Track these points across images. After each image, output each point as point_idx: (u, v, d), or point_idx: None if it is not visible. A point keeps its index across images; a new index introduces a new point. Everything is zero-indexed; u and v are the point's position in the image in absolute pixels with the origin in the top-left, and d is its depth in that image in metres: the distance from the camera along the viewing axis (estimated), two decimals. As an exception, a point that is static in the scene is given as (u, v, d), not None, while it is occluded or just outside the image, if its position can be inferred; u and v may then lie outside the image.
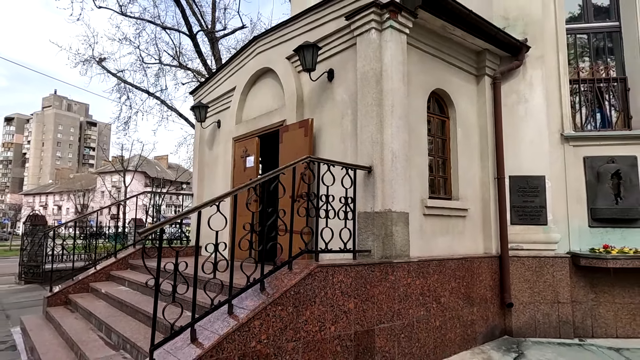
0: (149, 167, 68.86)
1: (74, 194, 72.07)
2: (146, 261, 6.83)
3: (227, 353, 3.16)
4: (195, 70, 19.00)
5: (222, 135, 8.10)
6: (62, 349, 5.10)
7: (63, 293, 6.93)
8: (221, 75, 8.18)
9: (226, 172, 7.68)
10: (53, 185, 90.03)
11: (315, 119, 5.73)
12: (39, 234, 12.82)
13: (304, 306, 3.70)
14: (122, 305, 5.63)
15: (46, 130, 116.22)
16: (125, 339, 4.42)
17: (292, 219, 3.87)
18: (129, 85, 19.05)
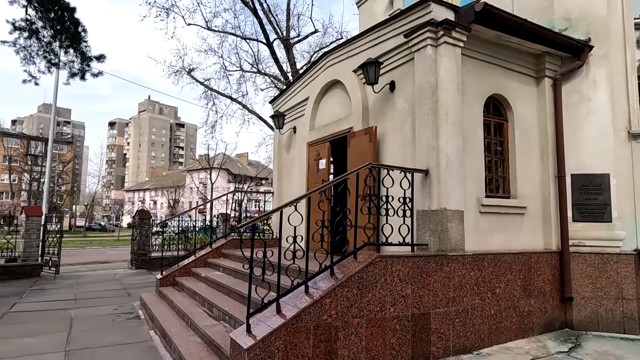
0: (232, 164, 73.52)
1: (167, 190, 79.44)
2: (233, 251, 8.02)
3: (304, 323, 4.01)
4: (273, 75, 20.41)
5: (297, 140, 9.07)
6: (175, 318, 6.38)
7: (171, 276, 8.37)
8: (296, 86, 9.13)
9: (301, 173, 8.63)
10: (149, 182, 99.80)
11: (379, 126, 6.41)
12: (145, 226, 14.96)
13: (367, 289, 4.44)
14: (219, 286, 6.80)
15: (142, 132, 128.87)
16: (224, 312, 5.51)
17: (357, 216, 4.62)
18: (215, 92, 21.03)
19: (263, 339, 3.79)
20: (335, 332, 4.18)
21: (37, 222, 12.74)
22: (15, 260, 12.47)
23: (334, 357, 4.15)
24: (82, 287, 10.53)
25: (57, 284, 11.05)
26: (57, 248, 12.74)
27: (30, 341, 5.77)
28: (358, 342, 4.32)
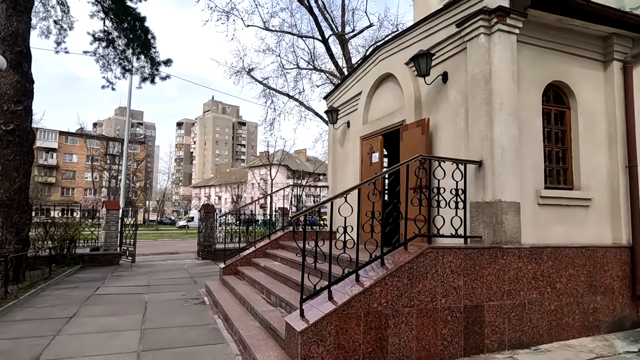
0: (290, 160, 75.05)
1: (230, 186, 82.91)
2: (290, 243, 8.33)
3: (355, 309, 4.17)
4: (328, 71, 20.64)
5: (351, 134, 9.20)
6: (236, 304, 6.81)
7: (233, 265, 8.89)
8: (349, 81, 9.25)
9: (355, 167, 8.75)
10: (214, 179, 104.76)
11: (431, 118, 6.36)
12: (210, 220, 15.87)
13: (417, 279, 4.49)
14: (276, 275, 7.14)
15: (207, 131, 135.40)
16: (280, 299, 5.81)
17: (407, 208, 4.68)
18: (273, 90, 21.68)
19: (315, 323, 4.00)
20: (385, 320, 4.29)
21: (116, 215, 14.01)
22: (98, 249, 13.82)
23: (385, 344, 4.27)
24: (154, 275, 11.45)
25: (133, 272, 12.10)
26: (132, 239, 13.93)
27: (111, 320, 6.46)
28: (408, 331, 4.39)
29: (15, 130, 8.83)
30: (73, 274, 11.47)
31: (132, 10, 12.21)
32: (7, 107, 8.77)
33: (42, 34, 12.54)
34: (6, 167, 8.72)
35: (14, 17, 9.00)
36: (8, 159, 8.72)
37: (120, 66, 13.23)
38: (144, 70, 12.94)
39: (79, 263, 12.69)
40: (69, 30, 12.94)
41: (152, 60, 12.81)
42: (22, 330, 5.84)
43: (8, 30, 8.90)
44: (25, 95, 9.08)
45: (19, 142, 8.91)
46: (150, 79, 12.95)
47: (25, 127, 9.10)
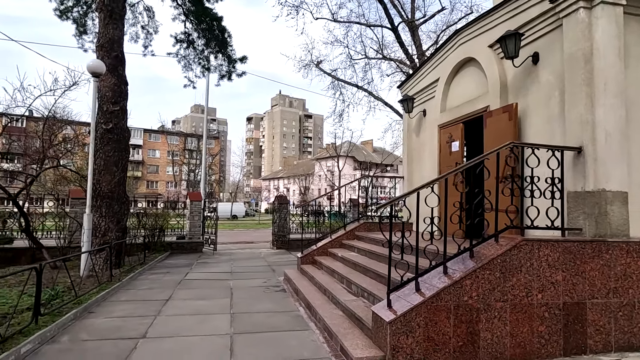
0: (357, 151, 74.85)
1: (298, 178, 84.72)
2: (366, 234, 8.25)
3: (444, 302, 4.07)
4: (398, 60, 20.19)
5: (427, 123, 8.93)
6: (317, 292, 6.96)
7: (310, 255, 9.09)
8: (425, 69, 8.97)
9: (432, 156, 8.50)
10: (282, 171, 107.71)
11: (519, 102, 5.97)
12: (284, 210, 16.35)
13: (510, 273, 4.27)
14: (355, 265, 7.18)
15: (275, 125, 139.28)
16: (362, 289, 5.83)
17: (497, 198, 4.45)
18: (341, 81, 21.68)
19: (404, 314, 3.96)
20: (476, 314, 4.14)
21: (198, 206, 14.94)
22: (183, 237, 14.86)
23: (476, 338, 4.12)
24: (235, 263, 12.06)
25: (216, 259, 12.85)
26: (214, 229, 14.78)
27: (202, 303, 6.92)
28: (502, 326, 4.20)
29: (114, 129, 9.71)
30: (163, 260, 12.45)
31: (210, 11, 12.82)
32: (107, 107, 9.66)
33: (132, 39, 13.63)
34: (107, 162, 9.63)
35: (110, 25, 9.85)
36: (108, 155, 9.63)
37: (200, 65, 14.00)
38: (221, 68, 13.58)
39: (167, 250, 13.74)
40: (154, 34, 13.93)
41: (229, 58, 13.39)
42: (127, 309, 6.45)
43: (105, 37, 9.77)
44: (121, 97, 9.94)
45: (117, 139, 9.79)
46: (227, 76, 13.56)
47: (122, 126, 9.97)
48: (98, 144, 9.36)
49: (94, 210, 9.08)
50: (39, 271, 5.17)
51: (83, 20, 12.77)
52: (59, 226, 12.57)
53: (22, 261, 11.57)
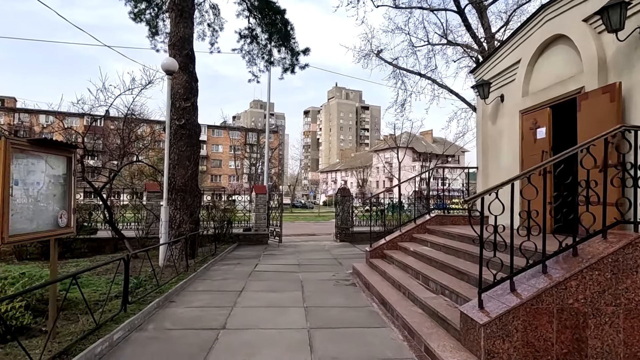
0: (416, 142, 72.91)
1: (356, 170, 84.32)
2: (439, 227, 7.85)
3: (545, 305, 3.67)
4: (464, 44, 19.16)
5: (506, 109, 8.30)
6: (390, 288, 6.72)
7: (379, 249, 8.85)
8: (502, 50, 8.32)
9: (512, 145, 7.88)
10: (339, 164, 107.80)
11: (623, 82, 5.29)
12: (347, 203, 16.20)
13: (624, 274, 3.77)
14: (429, 260, 6.85)
15: (332, 117, 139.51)
16: (442, 286, 5.51)
17: (606, 190, 3.95)
18: (403, 70, 21.00)
19: (500, 316, 3.63)
20: (584, 318, 3.71)
21: (263, 198, 15.20)
22: (249, 230, 15.21)
23: (583, 346, 3.69)
24: (301, 255, 12.12)
25: (282, 251, 13.00)
26: (279, 221, 14.98)
27: (275, 296, 6.95)
28: (614, 333, 3.73)
29: (186, 125, 10.05)
30: (232, 251, 12.81)
31: (273, 5, 12.87)
32: (179, 104, 10.01)
33: (199, 38, 14.05)
34: (180, 157, 10.00)
35: (180, 23, 10.17)
36: (182, 149, 9.99)
37: (263, 59, 14.14)
38: (284, 61, 13.63)
39: (235, 241, 14.14)
40: (219, 32, 14.26)
41: (292, 50, 13.39)
42: (205, 300, 6.63)
43: (177, 35, 10.10)
44: (192, 93, 10.26)
45: (189, 134, 10.13)
46: (290, 69, 13.58)
47: (194, 121, 10.30)
48: (172, 140, 9.73)
49: (169, 203, 9.48)
50: (127, 262, 5.42)
51: (155, 22, 13.35)
52: (137, 218, 13.38)
53: (106, 250, 12.44)
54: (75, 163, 4.35)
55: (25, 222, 3.65)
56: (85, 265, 9.48)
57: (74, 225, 4.34)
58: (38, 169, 3.86)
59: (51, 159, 4.04)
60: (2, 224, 3.29)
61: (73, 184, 4.34)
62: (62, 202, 4.22)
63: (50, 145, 3.96)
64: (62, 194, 4.22)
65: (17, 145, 3.52)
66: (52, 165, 4.06)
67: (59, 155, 4.16)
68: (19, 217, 3.58)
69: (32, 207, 3.76)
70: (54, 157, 4.09)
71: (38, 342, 4.07)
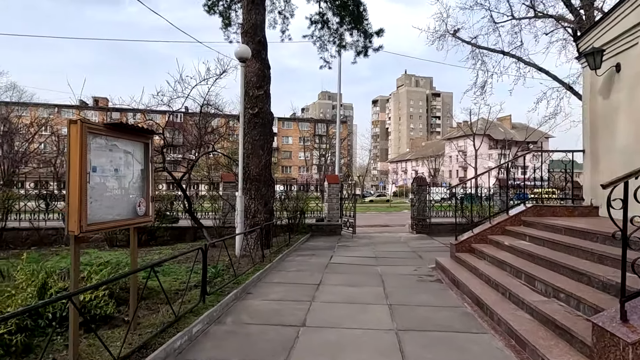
0: (493, 129, 68.45)
1: (427, 160, 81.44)
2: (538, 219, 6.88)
3: None
4: (557, 16, 17.15)
5: (624, 81, 7.03)
6: (484, 286, 5.96)
7: (467, 242, 8.03)
8: (620, 11, 7.02)
9: (634, 122, 6.64)
10: (410, 153, 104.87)
11: None
12: (423, 193, 15.31)
13: None
14: (531, 257, 5.96)
15: (401, 106, 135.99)
16: (556, 289, 4.67)
17: None
18: (483, 49, 19.37)
19: (655, 333, 2.83)
20: None
21: (336, 188, 14.84)
22: (322, 220, 14.95)
23: None
24: (376, 247, 11.57)
25: (356, 242, 12.55)
26: (352, 211, 14.53)
27: (354, 291, 6.50)
28: None
29: (259, 113, 9.91)
30: (305, 241, 12.61)
31: (344, -14, 12.31)
32: (252, 92, 9.88)
33: (270, 26, 13.91)
34: (254, 146, 9.89)
35: (252, 10, 10.00)
36: (255, 139, 9.87)
37: (334, 44, 13.66)
38: (357, 44, 13.03)
39: (307, 232, 13.94)
40: (290, 19, 14.01)
41: (365, 33, 12.74)
42: (282, 292, 6.36)
43: (249, 23, 9.95)
44: (264, 81, 10.08)
45: (262, 123, 9.98)
46: (363, 52, 12.95)
47: (266, 110, 10.13)
48: (246, 129, 9.63)
49: (244, 193, 9.41)
50: (204, 252, 5.26)
51: (227, 13, 13.42)
52: (214, 208, 13.69)
53: (186, 238, 12.87)
54: (152, 150, 4.19)
55: (104, 210, 3.52)
56: (168, 253, 9.77)
57: (153, 214, 4.20)
58: (116, 155, 3.73)
59: (129, 145, 3.90)
60: (80, 211, 3.15)
61: (151, 171, 4.19)
62: (141, 191, 4.08)
63: (127, 130, 3.81)
64: (141, 182, 4.09)
65: (93, 129, 3.37)
66: (130, 152, 3.91)
67: (136, 142, 4.02)
68: (98, 205, 3.45)
69: (111, 195, 3.63)
70: (132, 143, 3.95)
71: (119, 334, 3.99)
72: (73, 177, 3.18)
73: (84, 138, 3.22)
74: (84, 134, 3.22)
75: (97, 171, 3.45)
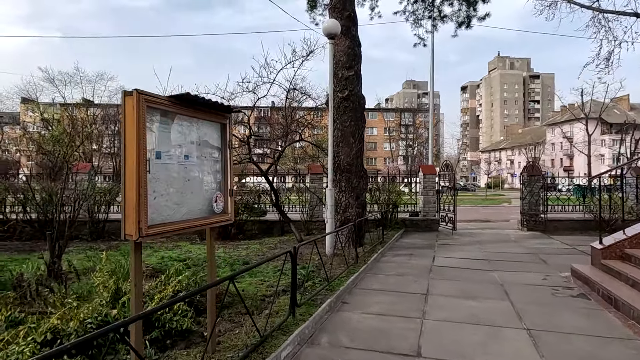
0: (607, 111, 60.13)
1: (524, 148, 74.38)
2: None
3: None
4: None
5: None
6: (665, 313, 4.35)
7: (617, 246, 6.27)
8: None
9: None
10: (504, 142, 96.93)
11: None
12: (536, 184, 13.18)
13: None
14: None
15: (493, 91, 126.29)
16: None
17: None
18: (609, 13, 16.27)
19: None
20: None
21: (432, 180, 13.37)
22: (417, 214, 13.60)
23: None
24: (483, 246, 10.00)
25: (457, 241, 11.05)
26: (451, 205, 12.98)
27: (473, 305, 5.24)
28: None
29: (349, 96, 8.92)
30: (399, 238, 11.41)
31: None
32: (341, 74, 8.91)
33: (358, 4, 12.80)
34: (344, 133, 8.93)
35: (340, -18, 8.99)
36: (345, 125, 8.91)
37: (430, 18, 12.15)
38: (458, 15, 11.39)
39: (401, 227, 12.71)
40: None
41: (467, 1, 11.07)
42: (383, 303, 5.31)
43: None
44: (355, 60, 9.05)
45: (353, 107, 8.97)
46: (466, 23, 11.28)
47: (357, 92, 9.10)
48: (335, 115, 8.70)
49: (334, 185, 8.51)
50: (294, 255, 4.39)
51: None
52: (301, 201, 13.08)
53: (274, 232, 12.43)
54: (230, 132, 3.38)
55: (171, 208, 2.77)
56: (255, 249, 9.27)
57: (232, 211, 3.40)
58: (186, 138, 2.96)
59: (202, 126, 3.12)
60: (138, 211, 2.40)
61: (229, 159, 3.39)
62: (217, 183, 3.29)
63: (199, 105, 3.02)
64: (216, 172, 3.30)
65: (154, 103, 2.61)
66: (203, 134, 3.13)
67: (211, 122, 3.22)
68: (164, 201, 2.70)
69: (179, 189, 2.86)
70: (206, 124, 3.16)
71: (195, 357, 3.26)
72: (130, 164, 2.45)
73: (141, 114, 2.46)
74: (142, 109, 2.46)
75: (161, 158, 2.70)
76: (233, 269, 6.93)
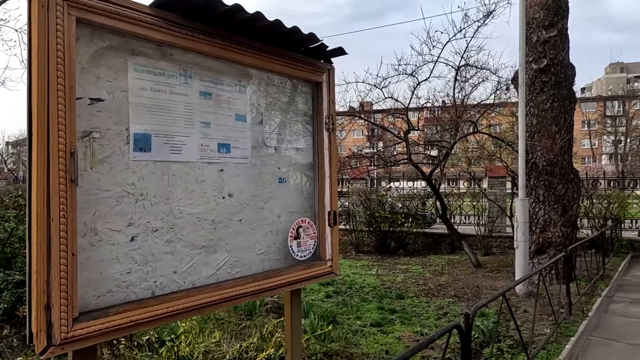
0: None
1: None
2: None
3: None
4: None
5: None
6: None
7: None
8: None
9: None
10: None
11: None
12: None
13: None
14: None
15: None
16: None
17: None
18: None
19: None
20: None
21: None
22: None
23: None
24: None
25: None
26: None
27: None
28: None
29: (549, 67, 6.28)
30: (628, 269, 7.93)
31: None
32: (537, 37, 6.34)
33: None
34: (541, 121, 6.34)
35: None
36: (544, 107, 6.30)
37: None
38: None
39: (627, 252, 8.99)
40: None
41: None
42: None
43: None
44: (557, 15, 6.35)
45: (556, 82, 6.29)
46: None
47: (562, 60, 6.36)
48: (527, 93, 6.20)
49: (526, 193, 6.02)
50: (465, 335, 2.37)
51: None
52: (476, 210, 10.54)
53: (442, 247, 10.28)
54: (332, 101, 1.71)
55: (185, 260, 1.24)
56: (416, 273, 7.38)
57: (337, 258, 1.70)
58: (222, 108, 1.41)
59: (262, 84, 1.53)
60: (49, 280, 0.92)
61: (330, 153, 1.71)
62: (302, 198, 1.65)
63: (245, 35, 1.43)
64: (302, 179, 1.66)
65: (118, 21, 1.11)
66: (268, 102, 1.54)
67: (288, 79, 1.61)
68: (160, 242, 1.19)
69: (208, 214, 1.32)
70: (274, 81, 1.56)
71: None
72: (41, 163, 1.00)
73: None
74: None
75: (151, 149, 1.20)
76: (381, 304, 5.22)
